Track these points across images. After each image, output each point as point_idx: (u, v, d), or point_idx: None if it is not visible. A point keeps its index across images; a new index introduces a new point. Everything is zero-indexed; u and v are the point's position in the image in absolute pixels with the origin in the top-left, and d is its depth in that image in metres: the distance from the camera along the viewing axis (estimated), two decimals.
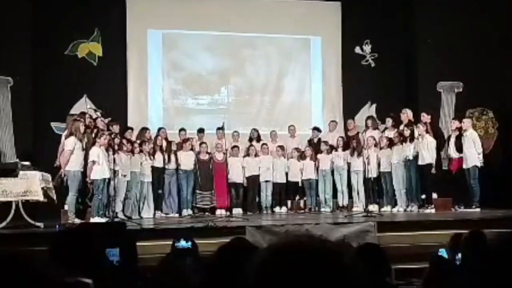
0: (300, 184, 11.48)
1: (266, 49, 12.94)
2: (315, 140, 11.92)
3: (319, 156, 11.45)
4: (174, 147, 10.92)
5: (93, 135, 9.60)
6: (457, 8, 12.22)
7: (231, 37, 12.86)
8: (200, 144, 11.26)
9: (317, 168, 11.41)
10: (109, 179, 9.18)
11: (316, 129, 12.10)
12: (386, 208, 10.97)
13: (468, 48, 12.16)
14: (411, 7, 12.76)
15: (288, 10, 12.86)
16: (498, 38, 12.19)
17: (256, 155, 11.36)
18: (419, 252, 6.80)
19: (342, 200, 11.34)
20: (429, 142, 10.56)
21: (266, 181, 11.27)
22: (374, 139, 11.26)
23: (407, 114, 11.14)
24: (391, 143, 11.04)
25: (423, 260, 5.68)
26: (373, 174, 10.89)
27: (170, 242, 4.63)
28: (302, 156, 11.56)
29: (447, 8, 12.27)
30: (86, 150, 9.12)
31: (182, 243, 4.35)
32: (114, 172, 9.26)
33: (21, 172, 8.30)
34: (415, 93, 12.59)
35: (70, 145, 8.90)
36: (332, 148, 11.49)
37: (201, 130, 11.64)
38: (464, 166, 10.62)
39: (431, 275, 3.80)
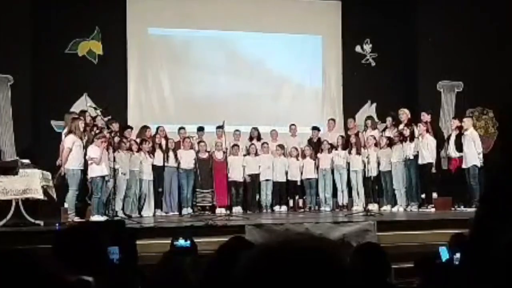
0: (299, 183, 11.48)
1: (267, 48, 12.93)
2: (315, 139, 11.92)
3: (319, 155, 11.46)
4: (171, 145, 10.91)
5: (93, 133, 9.60)
6: (458, 7, 12.21)
7: (231, 36, 12.87)
8: (199, 142, 11.26)
9: (317, 167, 11.41)
10: (109, 177, 9.19)
11: (315, 128, 12.10)
12: (386, 207, 10.98)
13: (469, 47, 12.16)
14: (412, 6, 12.75)
15: (289, 9, 12.85)
16: (498, 37, 12.19)
17: (256, 154, 11.36)
18: (419, 252, 6.80)
19: (342, 199, 11.35)
20: (429, 141, 10.56)
21: (266, 180, 11.27)
22: (375, 138, 11.28)
23: (406, 114, 11.14)
24: (391, 143, 11.05)
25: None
26: (373, 173, 10.90)
27: (170, 241, 4.63)
28: (302, 155, 11.58)
29: (447, 8, 12.26)
30: (86, 149, 9.12)
31: (181, 242, 4.35)
32: (114, 171, 9.27)
33: (21, 170, 8.29)
34: (415, 92, 12.60)
35: (69, 143, 8.90)
36: (332, 147, 11.49)
37: (200, 129, 11.65)
38: (464, 166, 10.62)
39: (424, 277, 3.80)
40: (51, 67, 11.47)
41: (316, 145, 11.68)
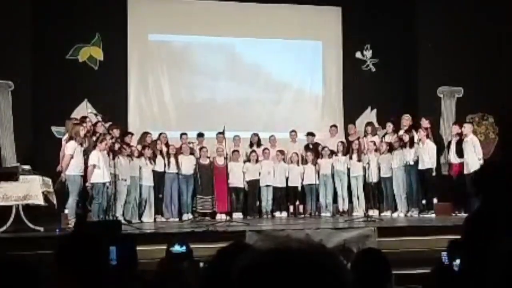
0: (299, 189, 11.47)
1: (267, 53, 12.94)
2: (311, 145, 11.91)
3: (319, 161, 11.46)
4: (172, 151, 10.92)
5: (94, 139, 9.60)
6: (458, 13, 12.23)
7: (232, 42, 12.89)
8: (200, 148, 11.27)
9: (317, 173, 11.41)
10: (109, 183, 9.19)
11: (310, 134, 12.07)
12: (386, 213, 10.97)
13: (469, 53, 12.17)
14: (412, 12, 12.78)
15: (289, 15, 12.86)
16: (499, 43, 12.20)
17: (257, 160, 11.35)
18: (419, 257, 6.79)
19: (343, 204, 11.34)
20: (430, 147, 10.57)
21: (267, 186, 11.26)
22: (375, 144, 11.28)
23: (409, 120, 11.17)
24: (391, 148, 11.05)
25: (424, 265, 5.67)
26: (373, 179, 10.89)
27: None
28: (303, 160, 11.58)
29: (448, 14, 12.28)
30: (87, 154, 9.13)
31: (177, 248, 4.35)
32: (115, 177, 9.27)
33: (21, 176, 8.29)
34: (416, 98, 12.60)
35: (70, 149, 8.90)
36: (332, 153, 11.49)
37: (200, 135, 11.65)
38: (465, 172, 10.60)
39: (433, 281, 3.79)
40: (51, 72, 11.48)
41: (313, 151, 11.66)
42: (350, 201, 11.33)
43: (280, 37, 12.89)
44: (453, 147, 10.95)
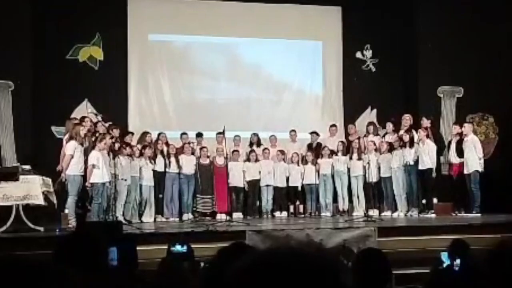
0: (300, 189, 11.48)
1: (267, 53, 12.94)
2: (314, 144, 11.92)
3: (319, 160, 11.46)
4: (172, 151, 10.92)
5: (94, 139, 9.60)
6: (458, 13, 12.23)
7: (232, 42, 12.89)
8: (201, 148, 11.28)
9: (317, 173, 11.41)
10: (109, 183, 9.19)
11: (314, 133, 12.09)
12: (387, 213, 10.97)
13: (469, 53, 12.17)
14: (412, 12, 12.78)
15: (289, 15, 12.86)
16: (499, 43, 12.19)
17: (256, 160, 11.35)
18: (419, 257, 6.80)
19: (343, 204, 11.34)
20: (430, 147, 10.57)
21: (267, 185, 11.27)
22: (375, 143, 11.29)
23: (410, 120, 11.18)
24: (391, 148, 11.05)
25: (424, 265, 5.68)
26: (373, 178, 10.89)
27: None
28: (303, 160, 11.59)
29: (447, 14, 12.29)
30: (87, 154, 9.13)
31: (178, 248, 4.36)
32: (115, 176, 9.27)
33: (21, 176, 8.29)
34: (416, 98, 12.60)
35: (70, 149, 8.90)
36: (332, 153, 11.50)
37: (199, 135, 11.66)
38: (465, 171, 10.61)
39: (432, 280, 3.79)
40: (52, 72, 11.49)
41: (315, 150, 11.68)
42: (350, 201, 11.34)
43: (280, 37, 12.89)
44: (453, 147, 10.96)
